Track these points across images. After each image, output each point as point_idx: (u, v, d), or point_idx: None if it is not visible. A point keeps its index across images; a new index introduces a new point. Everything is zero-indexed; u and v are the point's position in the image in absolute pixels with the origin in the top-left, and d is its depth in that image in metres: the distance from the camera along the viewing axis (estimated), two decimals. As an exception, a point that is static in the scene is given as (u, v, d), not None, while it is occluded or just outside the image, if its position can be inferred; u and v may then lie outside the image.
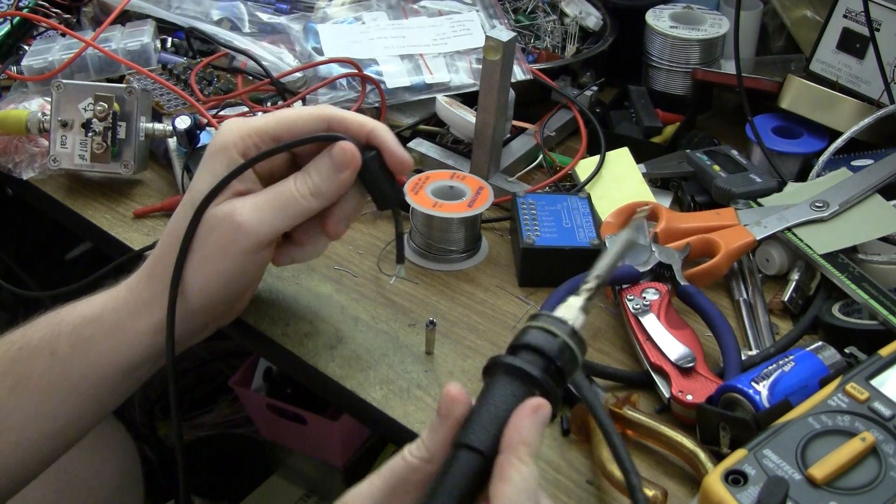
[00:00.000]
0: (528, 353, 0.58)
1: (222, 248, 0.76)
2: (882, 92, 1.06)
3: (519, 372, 0.57)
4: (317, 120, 0.76)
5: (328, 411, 1.41)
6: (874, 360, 0.75)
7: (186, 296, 0.78)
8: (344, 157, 0.75)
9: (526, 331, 0.59)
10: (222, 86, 1.16)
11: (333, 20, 1.24)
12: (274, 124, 0.76)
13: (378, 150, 0.77)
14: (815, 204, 0.97)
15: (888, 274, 0.92)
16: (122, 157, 1.02)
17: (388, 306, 0.92)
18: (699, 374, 0.81)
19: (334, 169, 0.75)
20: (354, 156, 0.75)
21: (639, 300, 0.87)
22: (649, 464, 0.78)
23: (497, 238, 1.02)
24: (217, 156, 0.76)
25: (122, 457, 1.18)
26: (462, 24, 1.23)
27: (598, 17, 1.31)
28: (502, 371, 0.58)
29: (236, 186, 0.76)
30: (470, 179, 1.00)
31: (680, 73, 1.23)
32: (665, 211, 0.99)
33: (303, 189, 0.76)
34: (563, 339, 0.58)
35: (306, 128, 0.76)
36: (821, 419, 0.70)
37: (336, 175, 0.75)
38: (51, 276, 1.52)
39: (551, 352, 0.58)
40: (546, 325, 0.59)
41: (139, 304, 0.78)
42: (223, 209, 0.76)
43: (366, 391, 0.84)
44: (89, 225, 1.02)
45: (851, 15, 1.09)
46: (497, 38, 0.98)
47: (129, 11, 1.23)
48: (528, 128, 1.15)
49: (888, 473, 0.66)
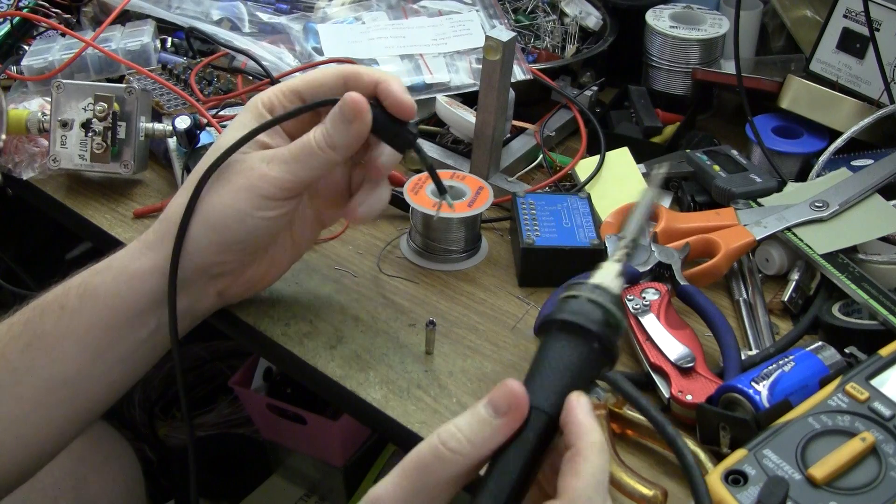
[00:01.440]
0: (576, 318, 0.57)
1: (244, 188, 0.78)
2: (882, 92, 1.06)
3: (575, 327, 0.56)
4: (335, 77, 0.80)
5: (328, 411, 1.41)
6: (874, 360, 0.75)
7: (194, 235, 0.78)
8: (349, 107, 0.77)
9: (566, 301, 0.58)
10: (222, 86, 1.16)
11: (333, 20, 1.24)
12: (301, 83, 0.80)
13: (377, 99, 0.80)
14: (815, 204, 0.97)
15: (888, 274, 0.92)
16: (122, 157, 1.02)
17: (388, 306, 0.92)
18: (699, 374, 0.81)
19: (344, 120, 0.78)
20: (358, 105, 0.77)
21: (638, 300, 0.87)
22: (649, 464, 0.78)
23: (497, 238, 1.02)
24: (246, 112, 0.81)
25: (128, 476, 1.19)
26: (462, 24, 1.24)
27: (598, 17, 1.31)
28: (558, 328, 0.57)
29: (263, 140, 0.80)
30: (470, 179, 1.00)
31: (680, 73, 1.23)
32: (665, 211, 0.99)
33: (321, 141, 0.78)
34: (606, 306, 0.57)
35: (328, 84, 0.80)
36: (821, 419, 0.70)
37: (347, 126, 0.78)
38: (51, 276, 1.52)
39: (598, 319, 0.57)
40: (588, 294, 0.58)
41: (144, 246, 0.80)
42: (249, 156, 0.79)
43: (366, 391, 0.84)
44: (89, 225, 1.02)
45: (851, 15, 1.09)
46: (497, 38, 0.98)
47: (129, 11, 1.23)
48: (528, 128, 1.15)
49: (888, 473, 0.66)
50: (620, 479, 0.73)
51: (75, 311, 0.79)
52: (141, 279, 0.79)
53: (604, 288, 0.58)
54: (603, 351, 0.57)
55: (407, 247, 0.99)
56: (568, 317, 0.57)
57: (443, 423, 0.80)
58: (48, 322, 0.79)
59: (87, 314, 0.79)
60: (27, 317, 0.79)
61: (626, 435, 0.80)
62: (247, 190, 0.78)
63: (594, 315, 0.57)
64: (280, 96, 0.80)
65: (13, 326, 0.79)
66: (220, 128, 1.02)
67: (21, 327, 0.79)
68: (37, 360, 0.78)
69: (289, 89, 0.80)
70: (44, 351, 0.78)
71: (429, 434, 0.79)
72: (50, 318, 0.79)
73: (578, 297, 0.58)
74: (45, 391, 0.79)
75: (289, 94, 0.80)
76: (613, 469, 0.74)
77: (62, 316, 0.79)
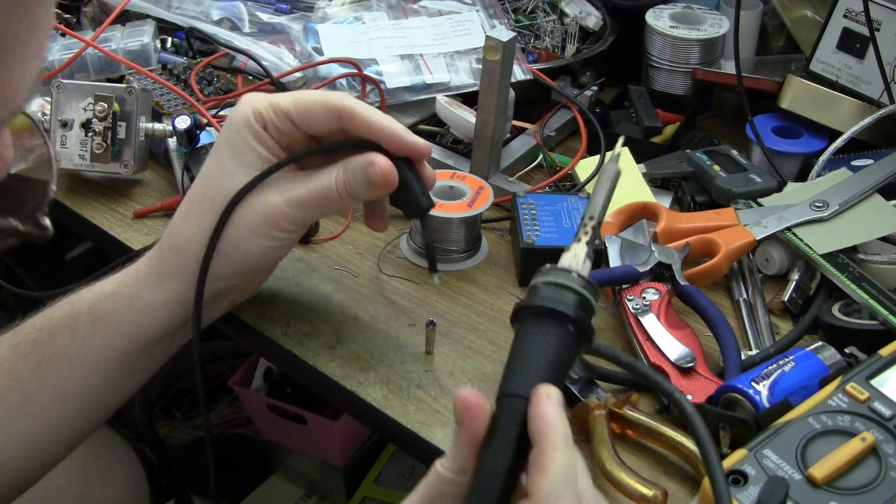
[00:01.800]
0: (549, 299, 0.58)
1: (263, 225, 0.78)
2: (882, 92, 1.06)
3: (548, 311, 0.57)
4: (328, 110, 0.78)
5: (328, 411, 1.41)
6: (874, 360, 0.75)
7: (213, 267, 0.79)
8: (376, 178, 0.77)
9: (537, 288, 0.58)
10: (222, 86, 1.16)
11: (333, 20, 1.24)
12: (291, 105, 0.78)
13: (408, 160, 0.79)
14: (815, 204, 0.97)
15: (888, 274, 0.92)
16: (122, 157, 1.02)
17: (388, 306, 0.92)
18: (699, 373, 0.81)
19: (369, 183, 0.78)
20: (387, 176, 0.77)
21: (638, 300, 0.87)
22: (649, 464, 0.78)
23: (497, 238, 1.02)
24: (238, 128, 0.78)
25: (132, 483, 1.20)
26: (462, 24, 1.24)
27: (598, 17, 1.31)
28: (531, 314, 0.57)
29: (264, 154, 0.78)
30: (470, 179, 1.00)
31: (680, 73, 1.23)
32: (665, 211, 0.99)
33: (342, 191, 0.78)
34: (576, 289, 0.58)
35: (318, 116, 0.78)
36: (821, 419, 0.70)
37: (371, 188, 0.78)
38: (51, 276, 1.52)
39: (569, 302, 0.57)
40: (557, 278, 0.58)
41: (159, 276, 0.80)
42: (264, 199, 0.78)
43: (366, 391, 0.84)
44: (89, 225, 1.02)
45: (851, 15, 1.09)
46: (497, 38, 0.98)
47: (129, 11, 1.23)
48: (528, 128, 1.15)
49: (888, 473, 0.66)
50: (620, 479, 0.73)
51: (87, 335, 0.79)
52: (157, 310, 0.80)
53: (572, 270, 0.59)
54: (578, 332, 0.57)
55: (407, 247, 0.99)
56: (540, 302, 0.57)
57: (442, 422, 0.80)
58: (59, 344, 0.79)
59: (99, 339, 0.79)
60: (35, 337, 0.80)
61: (626, 435, 0.80)
62: (265, 226, 0.78)
63: (566, 298, 0.57)
64: (272, 115, 0.78)
65: (20, 346, 0.80)
66: (220, 128, 1.02)
67: (29, 347, 0.79)
68: (48, 380, 0.79)
69: (281, 110, 0.78)
70: (55, 371, 0.79)
71: (429, 434, 0.80)
72: (60, 341, 0.79)
73: (549, 283, 0.58)
74: (55, 407, 0.80)
75: (281, 116, 0.78)
76: (613, 469, 0.74)
77: (73, 339, 0.79)
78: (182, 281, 0.79)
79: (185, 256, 0.79)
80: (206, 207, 0.78)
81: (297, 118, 0.78)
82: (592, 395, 0.81)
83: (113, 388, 0.82)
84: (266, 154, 0.78)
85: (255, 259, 0.80)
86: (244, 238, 0.78)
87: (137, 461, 1.23)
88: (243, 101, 0.79)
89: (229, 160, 0.78)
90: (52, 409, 0.80)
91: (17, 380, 0.78)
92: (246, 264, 0.80)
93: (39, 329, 0.80)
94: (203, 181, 0.80)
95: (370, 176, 0.77)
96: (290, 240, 0.80)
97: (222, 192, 0.78)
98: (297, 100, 0.78)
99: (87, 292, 0.81)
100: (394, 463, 1.49)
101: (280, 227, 0.78)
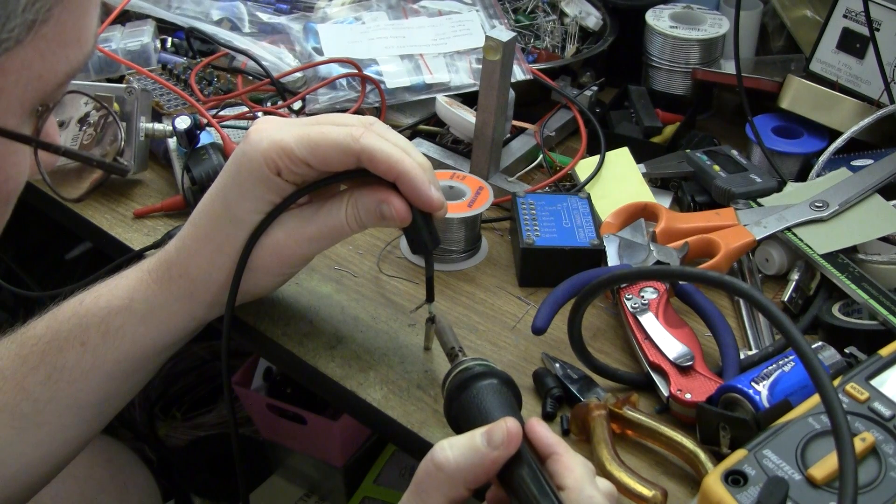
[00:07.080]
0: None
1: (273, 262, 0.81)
2: (882, 92, 1.06)
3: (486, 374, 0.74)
4: (346, 155, 0.76)
5: (328, 411, 1.41)
6: (874, 360, 0.75)
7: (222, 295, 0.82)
8: (390, 216, 0.78)
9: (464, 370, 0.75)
10: (222, 86, 1.16)
11: (333, 20, 1.24)
12: (305, 149, 0.76)
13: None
14: (815, 204, 0.97)
15: (888, 274, 0.92)
16: (121, 157, 1.02)
17: (388, 306, 0.92)
18: (698, 372, 0.81)
19: (381, 219, 0.79)
20: (403, 219, 0.78)
21: (637, 299, 0.87)
22: (649, 464, 0.78)
23: (497, 238, 1.02)
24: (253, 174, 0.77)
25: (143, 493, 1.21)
26: (462, 24, 1.23)
27: (598, 17, 1.31)
28: (474, 380, 0.73)
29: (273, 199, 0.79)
30: (470, 179, 1.00)
31: (680, 73, 1.23)
32: (665, 211, 0.99)
33: (353, 224, 0.79)
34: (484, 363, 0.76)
35: (336, 160, 0.77)
36: (821, 419, 0.70)
37: (382, 223, 0.79)
38: (51, 276, 1.52)
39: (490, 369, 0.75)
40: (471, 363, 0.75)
41: (170, 298, 0.81)
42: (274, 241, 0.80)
43: (366, 391, 0.84)
44: (89, 225, 1.02)
45: (851, 15, 1.09)
46: (497, 38, 0.98)
47: (129, 11, 1.23)
48: (528, 128, 1.15)
49: (888, 473, 0.66)
50: (620, 479, 0.73)
51: (99, 349, 0.80)
52: (169, 324, 0.82)
53: (474, 359, 0.76)
54: (504, 382, 0.73)
55: (407, 247, 0.99)
56: (477, 370, 0.74)
57: (442, 422, 0.80)
58: (69, 358, 0.80)
59: (112, 353, 0.81)
60: (42, 349, 0.80)
61: (626, 435, 0.80)
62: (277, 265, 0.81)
63: (486, 368, 0.74)
64: (288, 163, 0.76)
65: (28, 358, 0.80)
66: (220, 128, 1.02)
67: (38, 359, 0.80)
68: (59, 392, 0.80)
69: (299, 158, 0.76)
70: (67, 383, 0.80)
71: (429, 434, 0.80)
72: (71, 354, 0.80)
73: (470, 366, 0.74)
74: (67, 416, 0.81)
75: (297, 163, 0.76)
76: (613, 469, 0.74)
77: (84, 353, 0.80)
78: (194, 302, 0.81)
79: (197, 287, 0.81)
80: (215, 247, 0.80)
81: (315, 163, 0.77)
82: (592, 395, 0.81)
83: (125, 393, 0.85)
84: (278, 200, 0.79)
85: (267, 291, 0.86)
86: (258, 279, 0.82)
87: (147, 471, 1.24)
88: (254, 144, 0.77)
89: (238, 206, 0.79)
90: (66, 416, 0.81)
91: (28, 392, 0.79)
92: (257, 295, 0.85)
93: (48, 342, 0.80)
94: (212, 219, 0.80)
95: (383, 213, 0.78)
96: (301, 268, 0.85)
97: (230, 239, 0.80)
98: (312, 145, 0.76)
99: (93, 305, 0.81)
100: (394, 463, 1.49)
101: (292, 264, 0.82)
